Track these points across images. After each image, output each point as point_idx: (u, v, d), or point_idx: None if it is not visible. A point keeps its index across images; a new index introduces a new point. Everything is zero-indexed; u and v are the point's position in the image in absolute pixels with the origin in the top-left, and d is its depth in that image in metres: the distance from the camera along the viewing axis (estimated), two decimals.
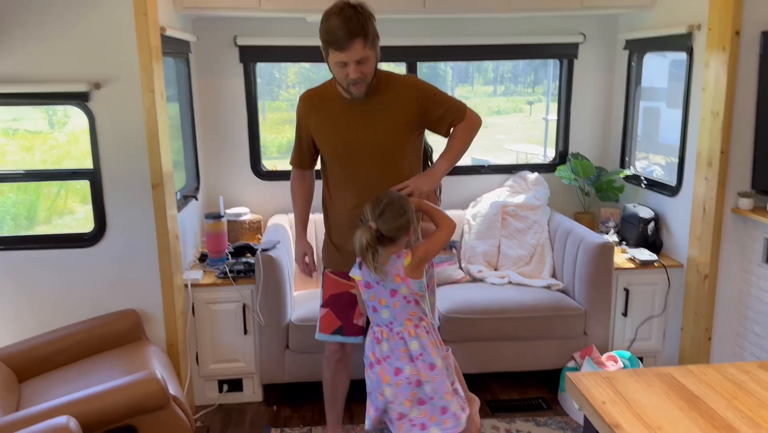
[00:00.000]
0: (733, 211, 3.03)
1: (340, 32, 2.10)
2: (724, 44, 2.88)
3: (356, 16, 2.12)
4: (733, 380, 1.55)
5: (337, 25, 2.11)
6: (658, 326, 3.35)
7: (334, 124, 2.36)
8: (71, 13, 2.59)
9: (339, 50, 2.13)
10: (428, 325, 2.25)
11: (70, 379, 2.49)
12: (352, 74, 2.18)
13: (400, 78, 2.40)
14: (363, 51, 2.15)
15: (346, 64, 2.16)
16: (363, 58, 2.16)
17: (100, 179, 2.75)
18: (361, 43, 2.13)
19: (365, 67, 2.19)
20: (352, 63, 2.15)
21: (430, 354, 2.18)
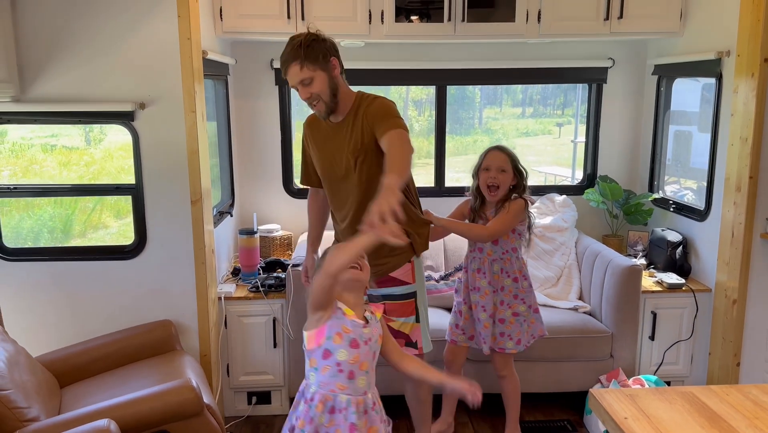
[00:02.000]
0: (762, 236, 3.03)
1: (282, 58, 2.31)
2: (753, 71, 2.91)
3: (293, 42, 2.30)
4: (755, 400, 1.57)
5: (283, 53, 2.32)
6: (686, 351, 3.34)
7: (319, 147, 2.51)
8: (120, 38, 2.74)
9: (286, 74, 2.32)
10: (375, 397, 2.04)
11: (108, 385, 2.59)
12: (301, 94, 2.33)
13: (368, 98, 2.41)
14: (300, 73, 2.28)
15: (296, 88, 2.33)
16: (305, 80, 2.28)
17: (143, 195, 2.87)
18: (297, 66, 2.27)
19: (312, 87, 2.30)
20: (297, 85, 2.31)
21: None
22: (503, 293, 2.79)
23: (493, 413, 3.27)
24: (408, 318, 2.53)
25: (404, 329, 2.53)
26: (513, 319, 2.79)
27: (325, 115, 2.39)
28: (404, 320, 2.53)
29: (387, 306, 2.49)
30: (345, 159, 2.40)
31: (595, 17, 3.37)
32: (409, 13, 3.37)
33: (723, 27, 3.11)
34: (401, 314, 2.52)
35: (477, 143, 7.83)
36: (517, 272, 2.79)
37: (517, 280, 2.79)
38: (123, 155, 3.49)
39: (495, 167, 2.72)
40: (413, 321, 2.54)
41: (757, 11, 2.85)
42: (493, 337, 2.80)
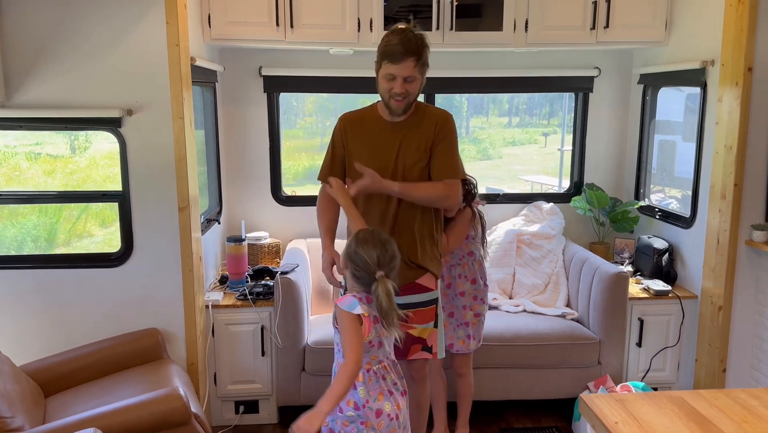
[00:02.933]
0: (746, 243, 3.06)
1: (398, 47, 2.29)
2: (737, 80, 2.95)
3: (416, 38, 2.33)
4: (743, 404, 1.59)
5: (396, 41, 2.31)
6: (673, 357, 3.36)
7: (369, 145, 2.48)
8: (107, 44, 2.73)
9: (392, 63, 2.31)
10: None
11: (93, 394, 2.56)
12: (397, 88, 2.33)
13: (435, 109, 2.56)
14: (413, 70, 2.32)
15: (394, 78, 2.32)
16: (411, 77, 2.33)
17: (129, 202, 2.85)
18: (413, 62, 2.31)
19: (410, 86, 2.35)
20: (400, 78, 2.31)
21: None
22: (464, 298, 2.85)
23: (482, 420, 3.27)
24: (428, 324, 2.54)
25: (423, 334, 2.53)
26: (476, 320, 2.89)
27: (402, 113, 2.42)
28: (424, 326, 2.53)
29: (410, 314, 2.47)
30: (401, 159, 2.43)
31: (582, 27, 3.41)
32: (397, 22, 3.38)
33: (707, 37, 3.15)
34: (422, 321, 2.52)
35: (464, 153, 7.85)
36: (474, 273, 2.86)
37: (475, 281, 2.86)
38: (108, 163, 3.46)
39: None
40: (432, 326, 2.55)
41: (740, 21, 2.90)
42: (461, 341, 2.88)
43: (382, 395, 2.09)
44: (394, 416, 2.10)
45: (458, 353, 2.91)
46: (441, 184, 2.44)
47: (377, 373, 2.11)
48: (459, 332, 2.88)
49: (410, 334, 2.50)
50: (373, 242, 2.10)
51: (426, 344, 2.54)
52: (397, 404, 2.12)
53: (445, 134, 2.46)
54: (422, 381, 2.65)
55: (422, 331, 2.52)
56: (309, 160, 4.48)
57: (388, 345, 2.15)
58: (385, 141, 2.46)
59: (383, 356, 2.13)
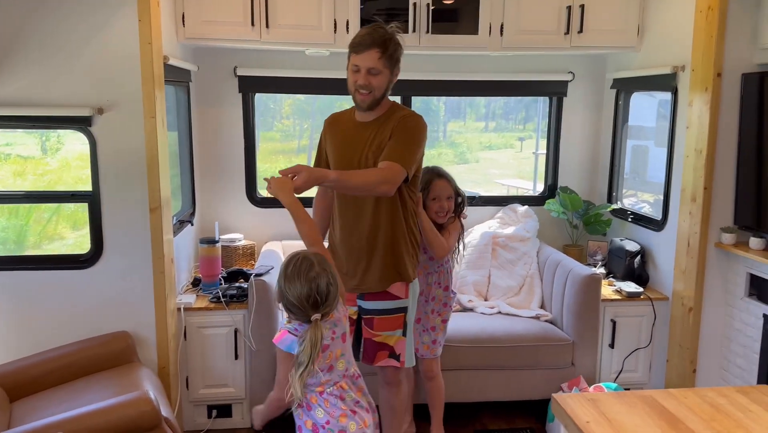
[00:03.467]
0: (716, 245, 3.11)
1: (364, 38, 2.32)
2: (707, 85, 3.00)
3: (383, 30, 2.34)
4: (712, 403, 1.61)
5: (362, 33, 2.36)
6: (645, 358, 3.40)
7: (339, 145, 2.50)
8: (77, 41, 2.68)
9: (357, 53, 2.33)
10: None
11: (62, 399, 2.50)
12: (360, 80, 2.32)
13: (406, 109, 2.54)
14: (377, 62, 2.31)
15: (358, 70, 2.32)
16: (374, 69, 2.32)
17: (99, 202, 2.80)
18: (378, 53, 2.30)
19: (375, 79, 2.34)
20: (364, 69, 2.31)
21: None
22: (434, 303, 2.88)
23: (457, 422, 3.27)
24: (395, 331, 2.51)
25: (389, 341, 2.51)
26: (442, 325, 2.92)
27: (366, 108, 2.40)
28: (390, 333, 2.51)
29: (375, 321, 2.48)
30: (364, 157, 2.41)
31: (556, 31, 3.44)
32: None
33: (678, 42, 3.21)
34: (387, 328, 2.50)
35: (441, 156, 7.89)
36: (447, 281, 2.89)
37: (447, 288, 2.89)
38: (80, 165, 3.40)
39: (444, 197, 2.80)
40: (400, 334, 2.53)
41: (710, 28, 2.96)
42: (425, 346, 2.89)
43: (345, 415, 1.97)
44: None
45: (423, 358, 2.91)
46: (377, 170, 2.29)
47: (332, 394, 1.98)
48: (424, 337, 2.89)
49: (375, 341, 2.49)
50: (300, 279, 1.84)
51: (393, 352, 2.51)
52: (363, 422, 2.01)
53: (401, 128, 2.38)
54: (395, 386, 2.63)
55: (387, 338, 2.50)
56: (286, 162, 4.45)
57: (345, 362, 2.00)
58: (353, 141, 2.45)
59: (337, 377, 1.98)
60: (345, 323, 2.01)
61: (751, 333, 3.00)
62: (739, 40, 2.98)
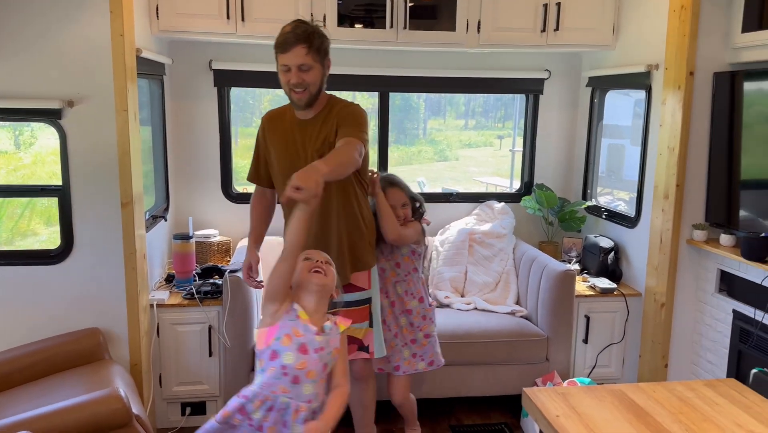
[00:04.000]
0: (688, 242, 3.16)
1: (288, 36, 2.27)
2: (680, 83, 3.04)
3: (305, 26, 2.29)
4: (680, 396, 1.63)
5: (285, 31, 2.30)
6: (618, 353, 3.44)
7: (280, 143, 2.45)
8: (47, 31, 2.62)
9: (283, 53, 2.28)
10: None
11: (30, 396, 2.45)
12: (293, 78, 2.28)
13: (344, 100, 2.50)
14: (305, 58, 2.27)
15: (288, 69, 2.28)
16: (305, 65, 2.28)
17: (69, 197, 2.75)
18: (305, 49, 2.26)
19: (307, 75, 2.30)
20: (294, 67, 2.27)
21: None
22: (412, 316, 2.80)
23: (432, 417, 3.28)
24: (362, 324, 2.52)
25: (357, 334, 2.51)
26: (425, 340, 2.83)
27: (304, 106, 2.36)
28: (358, 326, 2.51)
29: (342, 313, 2.45)
30: (310, 155, 2.37)
31: (533, 29, 3.46)
32: (353, 21, 3.38)
33: (652, 41, 3.24)
34: (356, 320, 2.49)
35: (421, 153, 7.91)
36: (420, 291, 2.82)
37: (422, 300, 2.81)
38: (55, 160, 3.34)
39: (399, 205, 2.74)
40: (366, 326, 2.53)
41: (683, 27, 2.99)
42: (407, 361, 2.81)
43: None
44: None
45: (404, 375, 2.80)
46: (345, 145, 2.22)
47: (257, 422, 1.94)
48: (405, 352, 2.80)
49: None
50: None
51: (362, 344, 2.52)
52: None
53: (345, 114, 2.38)
54: (364, 381, 2.62)
55: (355, 331, 2.50)
56: None
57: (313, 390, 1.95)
58: (293, 140, 2.42)
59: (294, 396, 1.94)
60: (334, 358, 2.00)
61: (721, 328, 3.05)
62: (712, 40, 3.02)
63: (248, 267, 2.65)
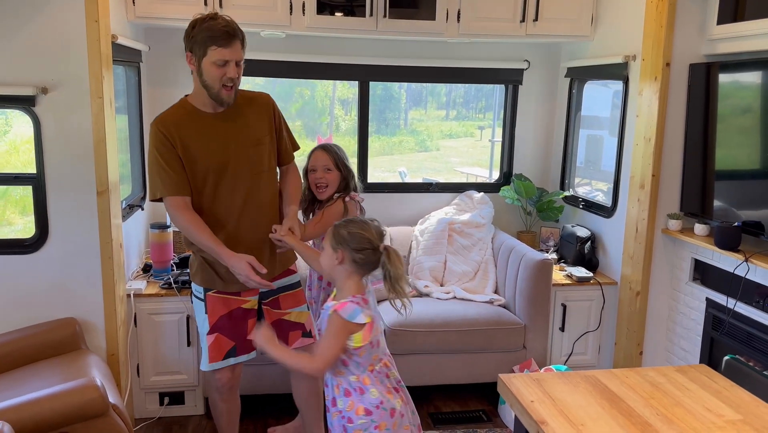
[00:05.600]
0: (663, 231, 3.21)
1: (225, 30, 2.20)
2: (656, 74, 3.08)
3: (233, 22, 2.26)
4: (652, 382, 1.66)
5: (221, 24, 2.21)
6: (594, 341, 3.49)
7: (203, 141, 2.31)
8: (20, 17, 2.57)
9: (223, 47, 2.20)
10: None
11: (5, 387, 2.42)
12: (231, 72, 2.23)
13: (255, 93, 2.49)
14: (240, 53, 2.26)
15: (226, 63, 2.22)
16: (240, 61, 2.27)
17: (44, 185, 2.71)
18: (240, 44, 2.25)
19: (240, 70, 2.29)
20: (233, 62, 2.23)
21: None
22: (315, 294, 2.80)
23: None
24: (302, 307, 2.54)
25: (301, 318, 2.53)
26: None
27: (231, 103, 2.32)
28: (299, 310, 2.53)
29: (280, 299, 2.49)
30: (243, 155, 2.34)
31: (512, 19, 3.47)
32: (332, 9, 3.35)
33: (630, 32, 3.27)
34: (296, 304, 2.52)
35: (402, 144, 7.90)
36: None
37: (330, 284, 2.73)
38: (30, 149, 3.29)
39: (320, 167, 2.72)
40: (306, 309, 2.56)
41: (660, 18, 3.02)
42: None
43: (390, 393, 2.00)
44: (405, 413, 2.03)
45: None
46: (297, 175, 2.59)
47: (380, 372, 2.02)
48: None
49: (286, 320, 2.48)
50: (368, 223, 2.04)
51: (305, 330, 2.53)
52: (403, 400, 2.05)
53: (279, 113, 2.49)
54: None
55: (298, 315, 2.51)
56: None
57: (383, 340, 2.09)
58: (216, 135, 2.32)
59: (382, 354, 2.05)
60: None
61: (694, 316, 3.11)
62: (688, 31, 3.05)
63: (248, 266, 2.27)
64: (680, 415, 1.53)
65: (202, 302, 2.44)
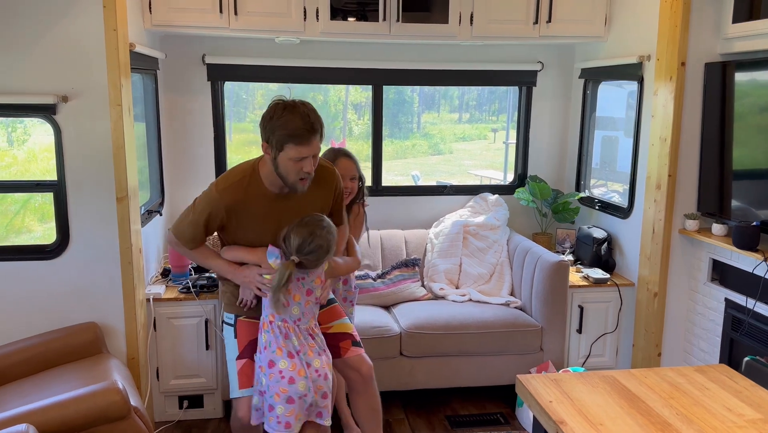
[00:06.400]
0: (680, 232, 3.18)
1: (304, 127, 2.13)
2: (672, 74, 3.06)
3: (312, 112, 2.19)
4: (671, 382, 1.65)
5: (300, 120, 2.14)
6: (612, 343, 3.47)
7: (258, 220, 2.29)
8: (40, 27, 2.62)
9: (302, 144, 2.14)
10: (317, 329, 2.37)
11: (28, 391, 2.46)
12: (308, 167, 2.18)
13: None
14: (319, 147, 2.21)
15: (303, 159, 2.16)
16: (317, 154, 2.22)
17: (65, 192, 2.76)
18: (318, 138, 2.19)
19: (316, 161, 2.24)
20: (311, 157, 2.17)
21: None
22: (335, 295, 2.72)
23: (428, 408, 3.31)
24: (342, 319, 2.51)
25: (346, 329, 2.48)
26: None
27: (306, 190, 2.27)
28: (340, 322, 2.49)
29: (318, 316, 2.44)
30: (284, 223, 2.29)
31: (525, 21, 3.47)
32: (345, 14, 3.38)
33: (644, 32, 3.26)
34: (335, 318, 2.49)
35: (415, 147, 7.92)
36: (348, 274, 2.76)
37: (347, 282, 2.78)
38: (48, 156, 3.34)
39: (348, 177, 2.69)
40: (348, 321, 2.53)
41: (674, 17, 3.01)
42: None
43: (281, 350, 2.24)
44: (288, 377, 2.21)
45: None
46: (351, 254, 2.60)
47: (279, 329, 2.26)
48: None
49: (331, 333, 2.44)
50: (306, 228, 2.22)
51: (354, 339, 2.48)
52: (294, 368, 2.23)
53: (340, 190, 2.45)
54: (371, 381, 2.48)
55: (342, 326, 2.47)
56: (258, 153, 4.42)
57: (300, 312, 2.27)
58: (272, 215, 2.29)
59: (288, 317, 2.27)
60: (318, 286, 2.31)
61: (713, 317, 3.08)
62: (703, 31, 3.04)
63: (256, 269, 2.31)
64: (700, 415, 1.52)
65: (232, 327, 2.42)
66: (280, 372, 2.22)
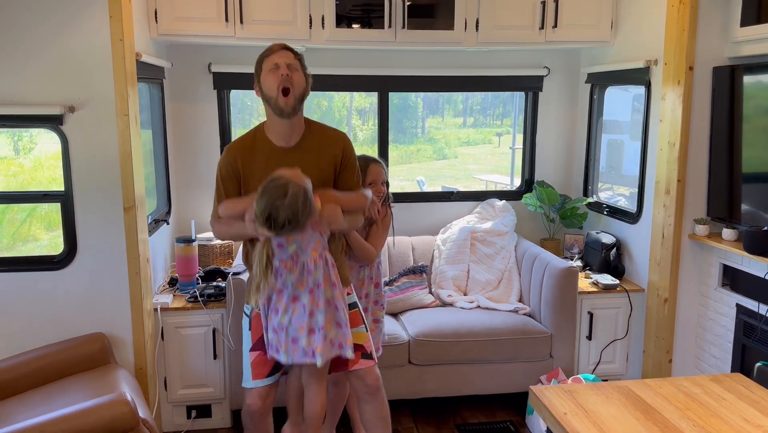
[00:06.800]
0: (690, 237, 3.16)
1: (271, 46, 2.32)
2: (679, 78, 3.04)
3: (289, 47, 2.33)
4: (687, 392, 1.63)
5: (269, 46, 2.34)
6: (622, 349, 3.44)
7: (266, 170, 2.28)
8: (47, 37, 2.63)
9: (272, 53, 2.29)
10: (330, 258, 2.29)
11: (36, 402, 2.46)
12: (283, 70, 2.25)
13: (331, 129, 2.45)
14: (293, 59, 2.29)
15: (277, 66, 2.26)
16: (293, 65, 2.29)
17: (72, 202, 2.75)
18: (290, 53, 2.30)
19: (295, 75, 2.28)
20: (283, 64, 2.26)
21: (323, 289, 2.25)
22: (366, 300, 2.73)
23: (438, 416, 3.29)
24: (359, 327, 2.45)
25: (360, 340, 2.43)
26: (374, 325, 2.74)
27: (291, 112, 2.29)
28: (357, 330, 2.43)
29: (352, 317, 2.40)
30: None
31: (531, 26, 3.46)
32: (350, 21, 3.38)
33: (651, 37, 3.24)
34: (353, 325, 2.43)
35: (420, 152, 7.92)
36: (378, 277, 2.77)
37: (378, 285, 2.77)
38: (54, 165, 3.35)
39: (380, 181, 2.74)
40: (363, 330, 2.46)
41: (682, 21, 2.99)
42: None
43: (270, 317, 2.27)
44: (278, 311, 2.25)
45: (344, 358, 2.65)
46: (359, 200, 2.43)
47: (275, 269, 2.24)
48: None
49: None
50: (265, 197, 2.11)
51: (365, 351, 2.43)
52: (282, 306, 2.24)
53: (352, 160, 2.42)
54: (379, 391, 2.46)
55: (357, 336, 2.41)
56: None
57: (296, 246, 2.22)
58: (277, 167, 2.27)
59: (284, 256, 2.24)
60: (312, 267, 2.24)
61: (724, 323, 3.06)
62: (710, 34, 3.02)
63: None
64: (717, 426, 1.50)
65: (248, 318, 2.44)
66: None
